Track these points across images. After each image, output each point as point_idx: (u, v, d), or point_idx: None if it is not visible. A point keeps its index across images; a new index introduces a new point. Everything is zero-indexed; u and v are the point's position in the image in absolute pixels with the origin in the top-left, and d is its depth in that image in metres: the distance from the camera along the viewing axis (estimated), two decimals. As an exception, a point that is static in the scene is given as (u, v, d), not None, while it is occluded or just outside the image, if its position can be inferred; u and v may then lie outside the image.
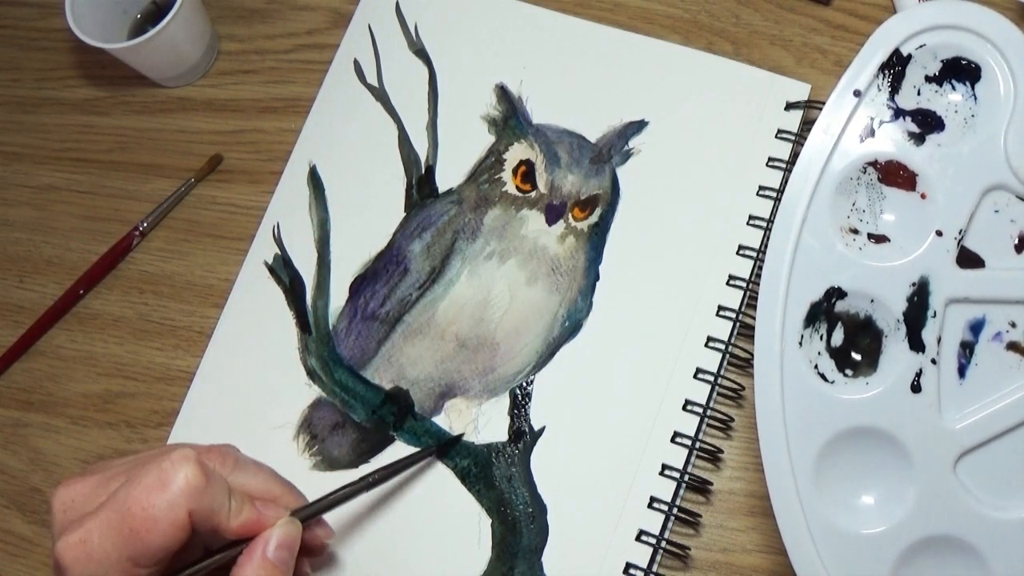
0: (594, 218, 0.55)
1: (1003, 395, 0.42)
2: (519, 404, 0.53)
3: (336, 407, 0.54)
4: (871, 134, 0.43)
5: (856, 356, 0.43)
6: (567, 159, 0.56)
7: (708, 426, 0.51)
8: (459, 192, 0.57)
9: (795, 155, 0.53)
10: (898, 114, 0.44)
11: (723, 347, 0.52)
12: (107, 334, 0.59)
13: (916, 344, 0.42)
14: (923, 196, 0.43)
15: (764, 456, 0.42)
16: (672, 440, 0.51)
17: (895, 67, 0.44)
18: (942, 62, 0.44)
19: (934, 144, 0.43)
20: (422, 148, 0.58)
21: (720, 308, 0.52)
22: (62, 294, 0.59)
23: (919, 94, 0.44)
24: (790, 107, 0.55)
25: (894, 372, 0.42)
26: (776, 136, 0.55)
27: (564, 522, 0.50)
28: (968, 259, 0.42)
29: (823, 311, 0.43)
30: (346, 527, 0.51)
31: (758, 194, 0.54)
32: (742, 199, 0.54)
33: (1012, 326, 0.42)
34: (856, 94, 0.44)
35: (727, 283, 0.53)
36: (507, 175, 0.57)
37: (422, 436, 0.53)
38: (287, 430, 0.54)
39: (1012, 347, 0.42)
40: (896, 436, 0.42)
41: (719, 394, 0.52)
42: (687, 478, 0.50)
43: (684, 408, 0.51)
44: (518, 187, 0.56)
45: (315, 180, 0.59)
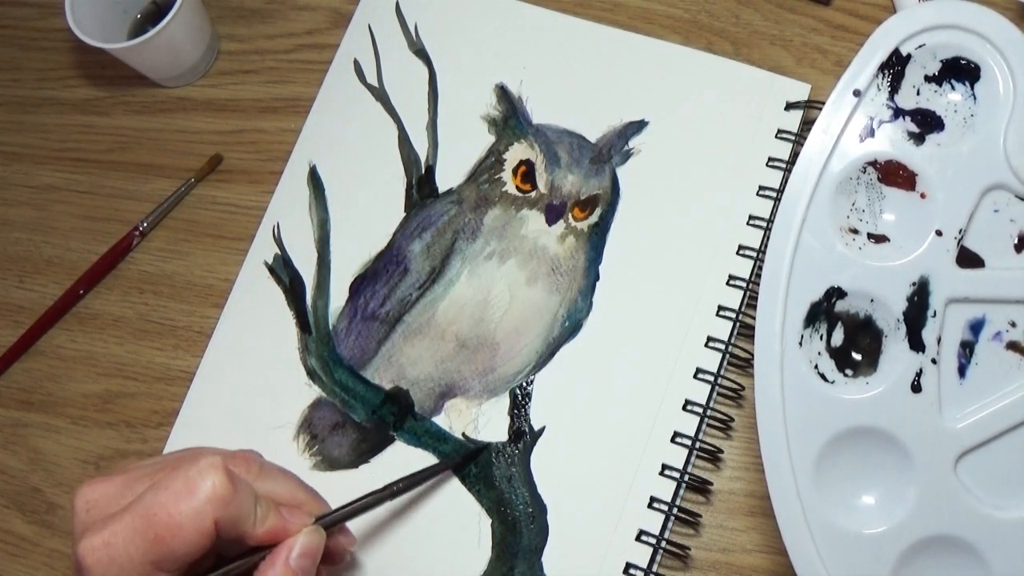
0: (594, 218, 0.55)
1: (1003, 395, 0.42)
2: (519, 404, 0.53)
3: (336, 407, 0.54)
4: (871, 134, 0.43)
5: (856, 356, 0.43)
6: (567, 159, 0.56)
7: (708, 426, 0.51)
8: (459, 192, 0.57)
9: (795, 155, 0.53)
10: (898, 114, 0.44)
11: (723, 347, 0.52)
12: (107, 334, 0.59)
13: (916, 344, 0.42)
14: (923, 196, 0.43)
15: (764, 456, 0.42)
16: (672, 440, 0.51)
17: (895, 67, 0.44)
18: (942, 62, 0.44)
19: (934, 144, 0.43)
20: (422, 148, 0.58)
21: (720, 308, 0.52)
22: (62, 294, 0.59)
23: (919, 94, 0.44)
24: (790, 107, 0.55)
25: (894, 372, 0.42)
26: (776, 136, 0.55)
27: (564, 522, 0.50)
28: (968, 259, 0.42)
29: (823, 311, 0.43)
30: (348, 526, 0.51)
31: (758, 194, 0.54)
32: (742, 199, 0.54)
33: (1012, 326, 0.42)
34: (856, 94, 0.44)
35: (727, 283, 0.53)
36: (507, 175, 0.57)
37: (422, 436, 0.53)
38: (287, 430, 0.54)
39: (1012, 347, 0.42)
40: (896, 436, 0.42)
41: (719, 394, 0.52)
42: (687, 478, 0.50)
43: (684, 408, 0.51)
44: (518, 187, 0.56)
45: (315, 180, 0.59)
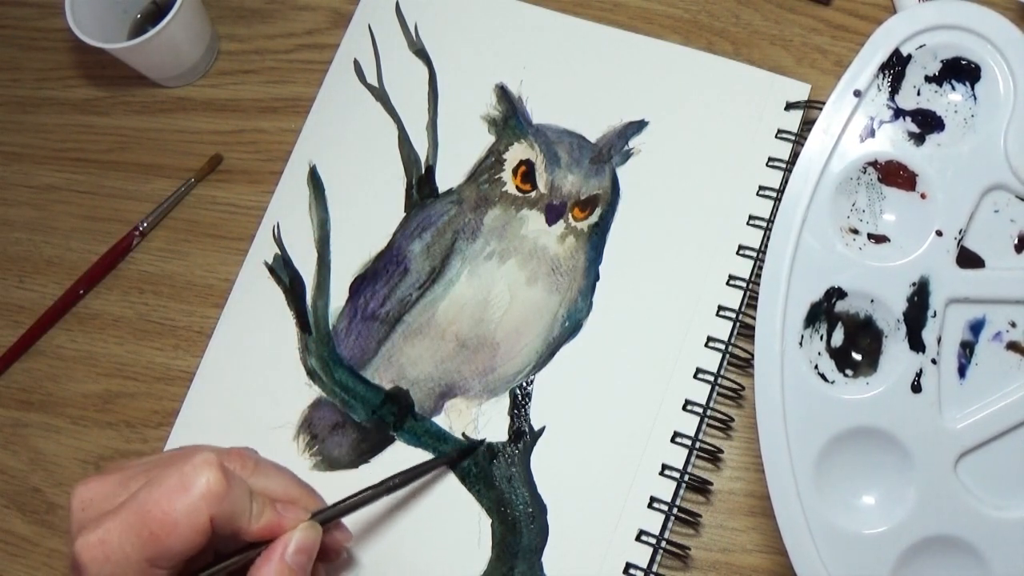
0: (594, 218, 0.55)
1: (1003, 395, 0.42)
2: (519, 404, 0.53)
3: (336, 407, 0.54)
4: (871, 134, 0.43)
5: (856, 356, 0.43)
6: (567, 159, 0.56)
7: (708, 426, 0.51)
8: (459, 192, 0.57)
9: (795, 155, 0.53)
10: (898, 114, 0.44)
11: (723, 347, 0.52)
12: (107, 334, 0.59)
13: (916, 344, 0.42)
14: (923, 196, 0.43)
15: (764, 456, 0.42)
16: (672, 440, 0.51)
17: (895, 67, 0.44)
18: (942, 62, 0.44)
19: (934, 144, 0.43)
20: (422, 148, 0.58)
21: (720, 308, 0.52)
22: (62, 294, 0.59)
23: (919, 94, 0.44)
24: (790, 107, 0.55)
25: (894, 372, 0.42)
26: (776, 136, 0.55)
27: (564, 522, 0.50)
28: (968, 259, 0.43)
29: (823, 311, 0.43)
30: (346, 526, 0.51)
31: (758, 194, 0.54)
32: (742, 199, 0.54)
33: (1012, 326, 0.42)
34: (856, 94, 0.44)
35: (727, 283, 0.53)
36: (507, 175, 0.57)
37: (422, 436, 0.53)
38: (287, 430, 0.54)
39: (1012, 347, 0.42)
40: (896, 436, 0.42)
41: (719, 394, 0.52)
42: (687, 478, 0.50)
43: (684, 408, 0.51)
44: (518, 187, 0.56)
45: (315, 180, 0.59)
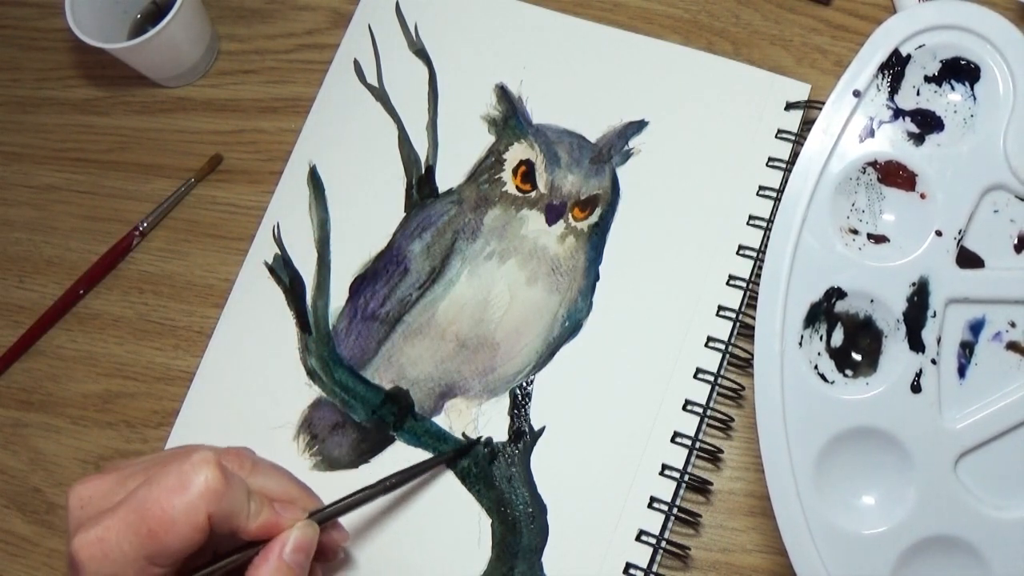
0: (594, 218, 0.55)
1: (1003, 395, 0.42)
2: (519, 404, 0.53)
3: (336, 407, 0.54)
4: (871, 134, 0.43)
5: (856, 356, 0.43)
6: (567, 159, 0.56)
7: (708, 426, 0.51)
8: (459, 192, 0.57)
9: (795, 155, 0.53)
10: (897, 114, 0.44)
11: (723, 347, 0.52)
12: (107, 334, 0.59)
13: (916, 344, 0.42)
14: (923, 196, 0.43)
15: (764, 456, 0.42)
16: (672, 440, 0.51)
17: (895, 67, 0.44)
18: (941, 62, 0.44)
19: (933, 144, 0.43)
20: (422, 148, 0.58)
21: (720, 308, 0.52)
22: (62, 294, 0.59)
23: (918, 94, 0.44)
24: (790, 107, 0.55)
25: (894, 372, 0.42)
26: (776, 136, 0.55)
27: (564, 522, 0.50)
28: (968, 259, 0.43)
29: (823, 311, 0.43)
30: (346, 526, 0.51)
31: (758, 194, 0.54)
32: (742, 199, 0.54)
33: (1012, 326, 0.42)
34: (856, 94, 0.44)
35: (727, 283, 0.53)
36: (507, 175, 0.57)
37: (422, 436, 0.53)
38: (287, 430, 0.54)
39: (1012, 347, 0.42)
40: (896, 436, 0.42)
41: (719, 394, 0.52)
42: (687, 478, 0.50)
43: (684, 408, 0.51)
44: (518, 187, 0.56)
45: (315, 180, 0.59)
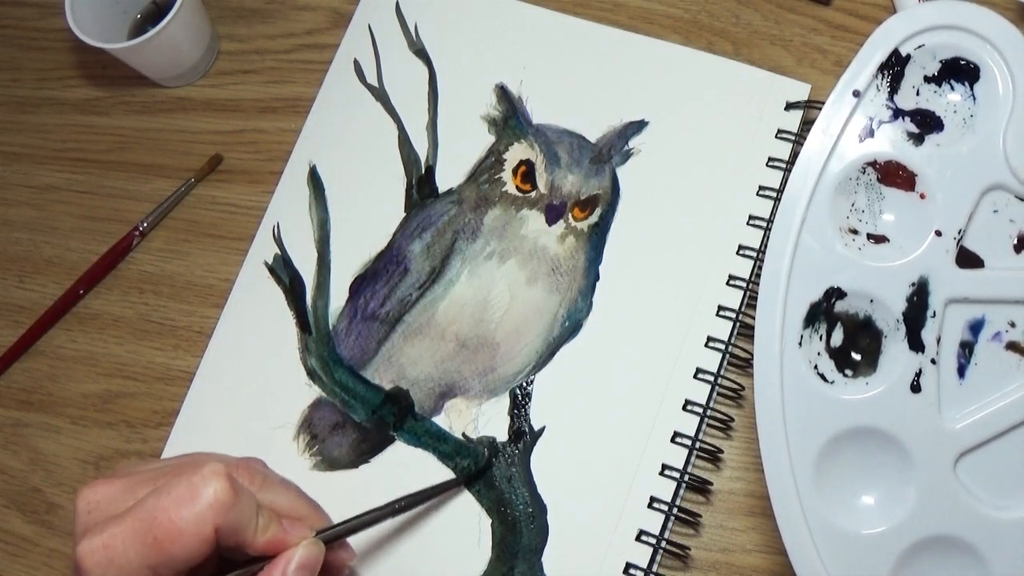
0: (594, 218, 0.55)
1: (1003, 395, 0.42)
2: (519, 404, 0.53)
3: (336, 407, 0.54)
4: (870, 134, 0.44)
5: (856, 356, 0.43)
6: (567, 159, 0.56)
7: (708, 426, 0.51)
8: (459, 192, 0.57)
9: (795, 155, 0.53)
10: (897, 114, 0.44)
11: (723, 347, 0.52)
12: (107, 334, 0.59)
13: (916, 344, 0.42)
14: (922, 196, 0.43)
15: (764, 456, 0.42)
16: (672, 440, 0.51)
17: (894, 67, 0.44)
18: (941, 62, 0.44)
19: (933, 144, 0.43)
20: (422, 148, 0.58)
21: (720, 308, 0.52)
22: (62, 294, 0.59)
23: (918, 94, 0.44)
24: (790, 107, 0.55)
25: (894, 372, 0.42)
26: (776, 136, 0.55)
27: (564, 522, 0.50)
28: (967, 259, 0.43)
29: (823, 311, 0.43)
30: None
31: (758, 194, 0.54)
32: (742, 199, 0.54)
33: (1012, 326, 0.42)
34: (855, 94, 0.44)
35: (727, 283, 0.53)
36: (507, 175, 0.57)
37: (422, 436, 0.53)
38: (287, 430, 0.54)
39: (1012, 347, 0.42)
40: (896, 436, 0.42)
41: (719, 394, 0.52)
42: (687, 478, 0.50)
43: (684, 408, 0.51)
44: (518, 187, 0.56)
45: (315, 180, 0.59)
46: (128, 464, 0.44)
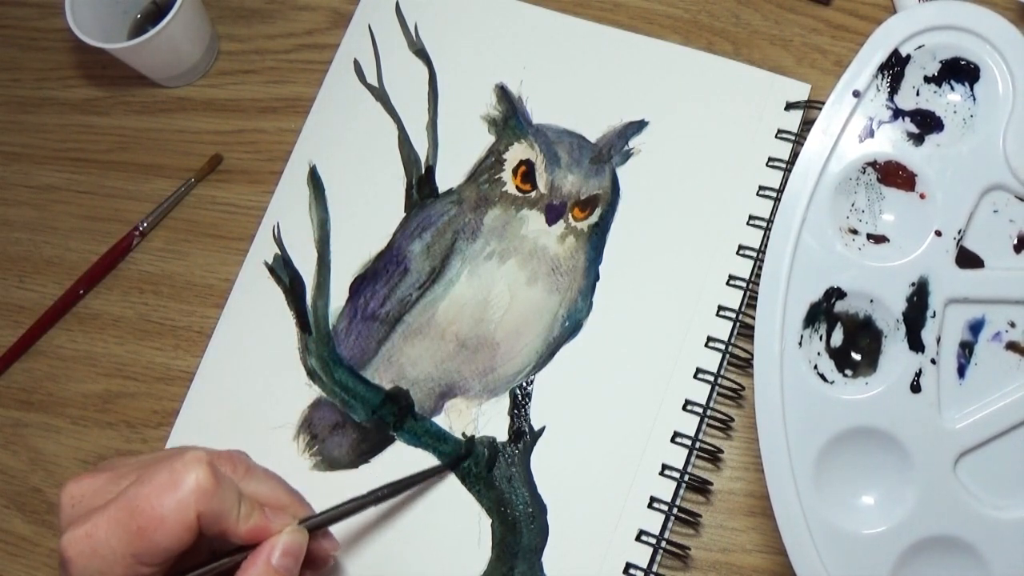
0: (594, 218, 0.55)
1: (1003, 395, 0.42)
2: (519, 404, 0.53)
3: (336, 407, 0.54)
4: (870, 134, 0.44)
5: (856, 356, 0.43)
6: (567, 159, 0.56)
7: (708, 426, 0.51)
8: (459, 192, 0.57)
9: (795, 155, 0.53)
10: (897, 114, 0.44)
11: (723, 347, 0.52)
12: (107, 334, 0.59)
13: (916, 344, 0.42)
14: (922, 196, 0.43)
15: (764, 456, 0.42)
16: (672, 440, 0.51)
17: (894, 67, 0.44)
18: (941, 63, 0.44)
19: (933, 144, 0.43)
20: (422, 148, 0.58)
21: (720, 308, 0.52)
22: (62, 294, 0.59)
23: (918, 94, 0.44)
24: (790, 107, 0.55)
25: (894, 372, 0.42)
26: (776, 136, 0.55)
27: (564, 522, 0.50)
28: (967, 259, 0.43)
29: (823, 311, 0.43)
30: (345, 526, 0.51)
31: (758, 194, 0.54)
32: (742, 199, 0.54)
33: (1011, 326, 0.42)
34: (855, 95, 0.44)
35: (727, 283, 0.53)
36: (507, 175, 0.57)
37: (422, 436, 0.53)
38: (287, 430, 0.54)
39: (1011, 347, 0.42)
40: (896, 436, 0.42)
41: (719, 394, 0.52)
42: (687, 478, 0.50)
43: (684, 408, 0.51)
44: (518, 187, 0.56)
45: (315, 180, 0.59)
46: (113, 459, 0.44)
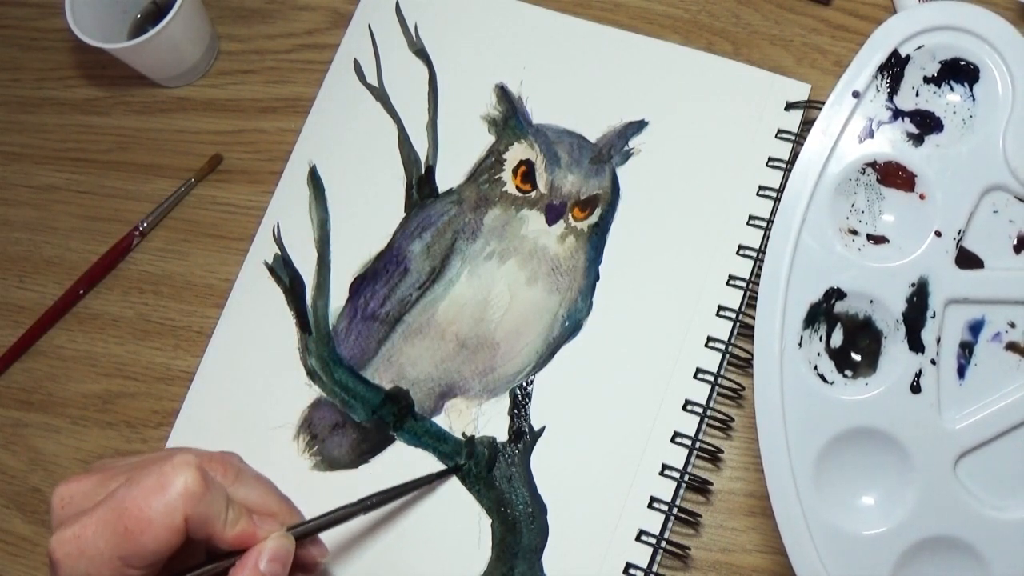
0: (594, 218, 0.55)
1: (1003, 395, 0.42)
2: (519, 404, 0.53)
3: (336, 407, 0.54)
4: (870, 135, 0.44)
5: (856, 357, 0.43)
6: (567, 159, 0.56)
7: (708, 426, 0.51)
8: (459, 192, 0.57)
9: (795, 155, 0.53)
10: (897, 115, 0.44)
11: (723, 347, 0.52)
12: (107, 334, 0.59)
13: (915, 344, 0.42)
14: (922, 197, 0.43)
15: (764, 456, 0.42)
16: (672, 440, 0.51)
17: (894, 68, 0.44)
18: (940, 63, 0.44)
19: (933, 145, 0.43)
20: (422, 148, 0.58)
21: (720, 308, 0.52)
22: (62, 294, 0.59)
23: (918, 95, 0.44)
24: (790, 107, 0.55)
25: (894, 373, 0.42)
26: (776, 136, 0.55)
27: (564, 522, 0.50)
28: (967, 259, 0.43)
29: (822, 312, 0.43)
30: (345, 526, 0.51)
31: (758, 194, 0.54)
32: (742, 199, 0.54)
33: (1011, 326, 0.42)
34: (855, 95, 0.44)
35: (727, 283, 0.53)
36: (507, 175, 0.57)
37: (422, 436, 0.53)
38: (287, 430, 0.54)
39: (1011, 347, 0.42)
40: (896, 437, 0.42)
41: (719, 394, 0.52)
42: (687, 478, 0.50)
43: (684, 408, 0.51)
44: (518, 187, 0.56)
45: (315, 180, 0.59)
46: (105, 461, 0.44)
